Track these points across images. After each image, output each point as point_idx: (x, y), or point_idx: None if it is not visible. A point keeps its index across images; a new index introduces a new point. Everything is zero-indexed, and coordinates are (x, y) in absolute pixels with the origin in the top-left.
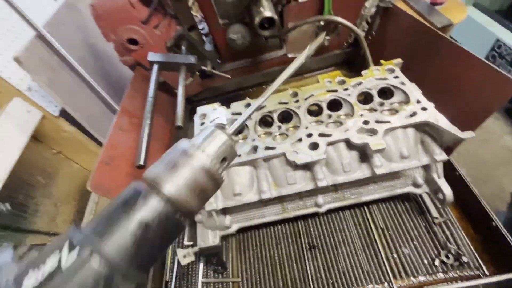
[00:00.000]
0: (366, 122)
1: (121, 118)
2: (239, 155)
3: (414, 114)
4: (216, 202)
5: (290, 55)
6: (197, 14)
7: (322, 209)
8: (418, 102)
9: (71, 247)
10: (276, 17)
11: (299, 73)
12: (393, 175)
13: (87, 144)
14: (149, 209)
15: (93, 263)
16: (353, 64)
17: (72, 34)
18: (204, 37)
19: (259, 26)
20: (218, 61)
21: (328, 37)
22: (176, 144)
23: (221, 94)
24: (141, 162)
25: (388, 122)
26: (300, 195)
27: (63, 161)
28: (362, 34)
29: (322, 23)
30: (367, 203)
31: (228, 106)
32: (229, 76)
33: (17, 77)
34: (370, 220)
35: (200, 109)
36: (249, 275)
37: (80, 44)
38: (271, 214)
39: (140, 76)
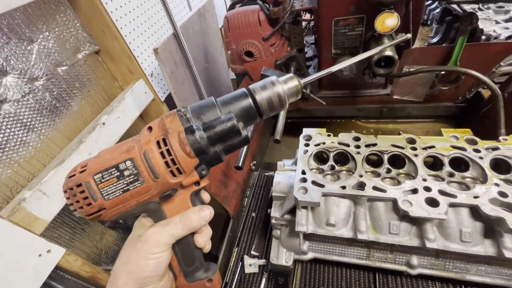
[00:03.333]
0: (503, 194)
1: None
2: (344, 187)
3: None
4: (307, 225)
5: (395, 97)
6: (306, 39)
7: (413, 272)
8: None
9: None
10: (396, 57)
11: (394, 116)
12: None
13: None
14: (246, 100)
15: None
16: (462, 121)
17: (195, 37)
18: (306, 61)
19: (375, 63)
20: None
21: (444, 88)
22: (270, 77)
23: (309, 117)
24: (240, 164)
25: None
26: (392, 247)
27: None
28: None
29: (443, 72)
30: (467, 283)
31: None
32: (324, 103)
33: (146, 63)
34: None
35: (306, 131)
36: None
37: (197, 46)
38: (352, 256)
39: (246, 85)
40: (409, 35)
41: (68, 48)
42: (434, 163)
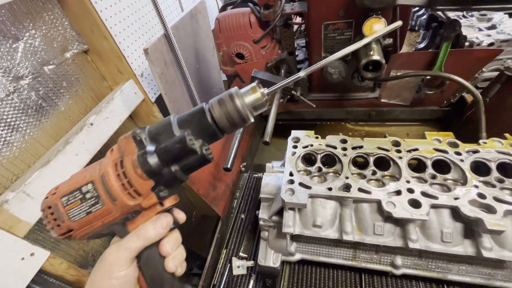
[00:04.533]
0: (481, 196)
1: None
2: (330, 189)
3: None
4: (294, 226)
5: (383, 100)
6: (297, 42)
7: (398, 272)
8: None
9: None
10: (383, 62)
11: (383, 119)
12: (496, 263)
13: None
14: (204, 117)
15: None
16: (447, 125)
17: (186, 38)
18: (297, 64)
19: (363, 67)
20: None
21: (429, 92)
22: (230, 89)
23: (299, 120)
24: (229, 166)
25: (511, 203)
26: (377, 248)
27: None
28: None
29: (428, 76)
30: (449, 282)
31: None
32: (314, 105)
33: (137, 64)
34: None
35: (294, 133)
36: None
37: (189, 47)
38: (339, 256)
39: (238, 86)
40: (400, 22)
41: (56, 47)
42: (418, 165)
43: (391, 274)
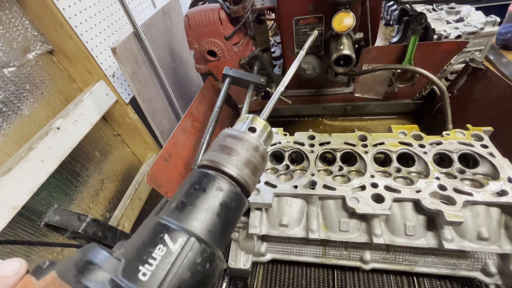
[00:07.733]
0: (442, 187)
1: (186, 120)
2: (296, 186)
3: (503, 193)
4: (260, 227)
5: (357, 95)
6: (272, 38)
7: (367, 267)
8: (510, 180)
9: (172, 236)
10: (353, 56)
11: (359, 113)
12: (459, 254)
13: (143, 133)
14: (223, 191)
15: (198, 246)
16: (420, 117)
17: (159, 36)
18: (273, 61)
19: (334, 61)
20: None
21: (401, 85)
22: (221, 133)
23: (276, 117)
24: (196, 167)
25: (470, 194)
26: (346, 244)
27: (119, 143)
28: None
29: (399, 70)
30: (419, 274)
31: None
32: (290, 102)
33: (107, 64)
34: None
35: None
36: None
37: (163, 45)
38: (309, 254)
39: (210, 85)
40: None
41: (16, 48)
42: (384, 160)
43: (362, 269)
